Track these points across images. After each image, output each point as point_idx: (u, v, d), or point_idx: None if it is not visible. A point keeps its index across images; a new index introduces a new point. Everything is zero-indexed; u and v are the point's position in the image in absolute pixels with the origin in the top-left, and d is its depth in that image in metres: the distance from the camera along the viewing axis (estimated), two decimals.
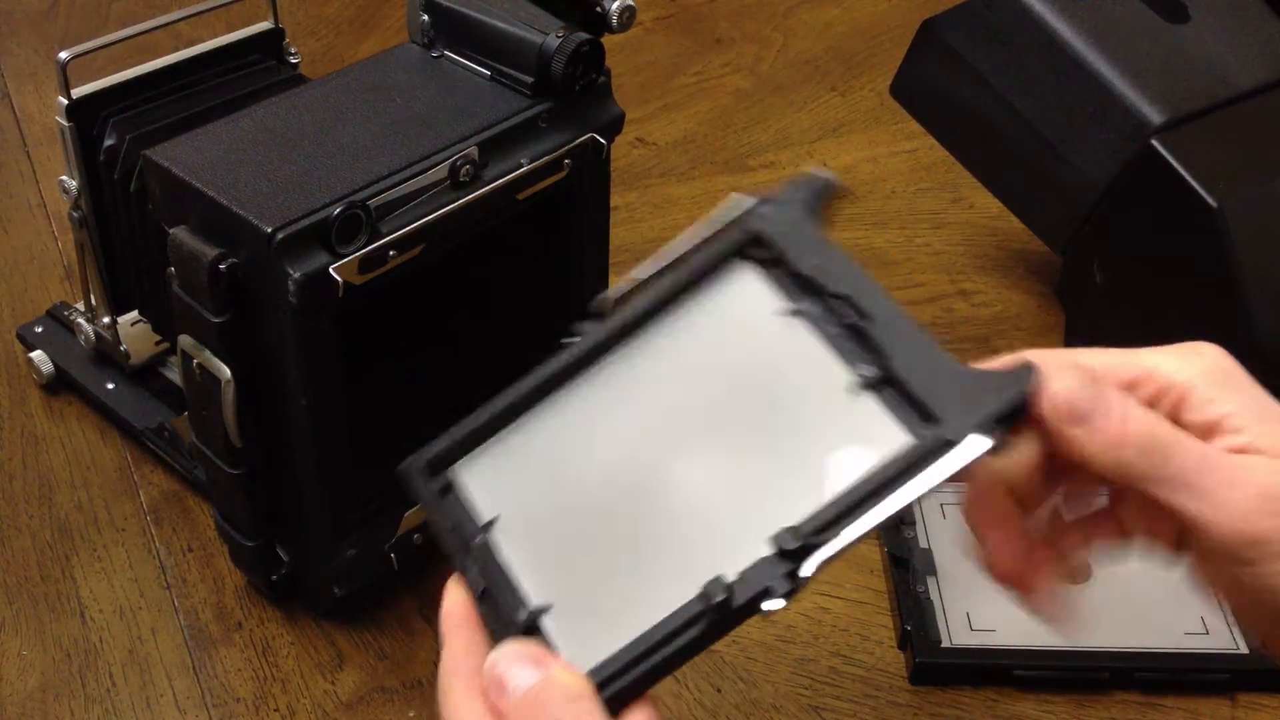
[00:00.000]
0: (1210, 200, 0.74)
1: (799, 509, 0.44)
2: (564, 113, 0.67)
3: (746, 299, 0.49)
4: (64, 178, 0.77)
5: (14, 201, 1.01)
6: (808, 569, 0.43)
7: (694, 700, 0.69)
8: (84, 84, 0.75)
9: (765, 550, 0.43)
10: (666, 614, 0.43)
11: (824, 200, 0.50)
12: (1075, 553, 0.48)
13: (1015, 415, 0.44)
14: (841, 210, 0.50)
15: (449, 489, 0.49)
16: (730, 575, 0.43)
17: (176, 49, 0.79)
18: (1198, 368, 0.45)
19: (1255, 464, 0.43)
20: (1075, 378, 0.44)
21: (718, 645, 0.71)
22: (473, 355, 0.77)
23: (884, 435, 0.45)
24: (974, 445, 0.44)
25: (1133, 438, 0.43)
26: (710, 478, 0.46)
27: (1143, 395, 0.45)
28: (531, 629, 0.45)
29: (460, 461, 0.50)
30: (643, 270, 0.50)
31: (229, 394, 0.63)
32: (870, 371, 0.46)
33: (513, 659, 0.43)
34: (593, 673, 0.43)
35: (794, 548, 0.43)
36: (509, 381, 0.49)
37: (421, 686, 0.70)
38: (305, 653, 0.71)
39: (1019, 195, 0.88)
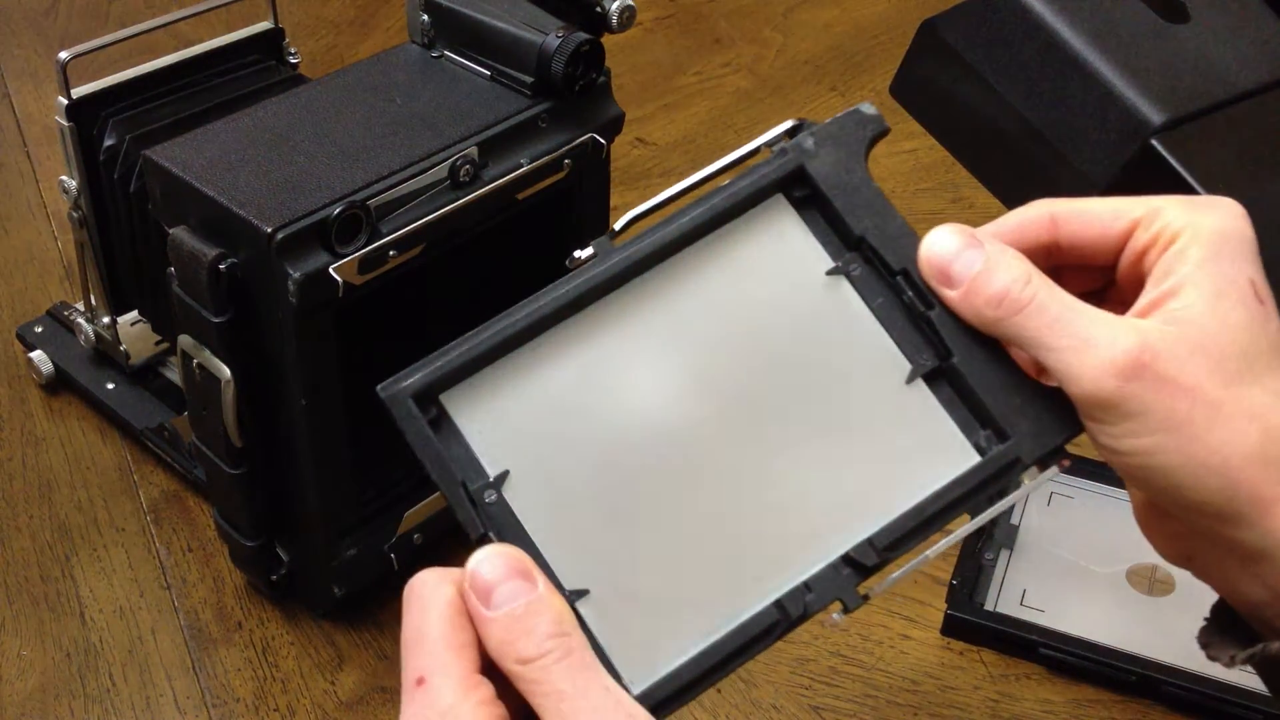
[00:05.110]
0: None
1: (865, 514, 0.42)
2: (564, 113, 0.67)
3: (786, 247, 0.45)
4: (64, 178, 0.77)
5: (14, 201, 1.01)
6: (883, 586, 0.42)
7: (693, 700, 0.69)
8: (84, 84, 0.75)
9: (831, 555, 0.42)
10: (729, 620, 0.41)
11: (873, 141, 0.46)
12: None
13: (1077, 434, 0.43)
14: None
15: (442, 422, 0.42)
16: (797, 581, 0.41)
17: (176, 49, 0.79)
18: (1203, 223, 0.44)
19: (1120, 329, 0.42)
20: (952, 238, 0.45)
21: None
22: None
23: (946, 441, 0.43)
24: (1043, 473, 0.43)
25: (989, 296, 0.43)
26: (761, 460, 0.43)
27: (1139, 239, 0.44)
28: None
29: (455, 390, 0.42)
30: (666, 191, 0.44)
31: (229, 394, 0.63)
32: (926, 360, 0.44)
33: (502, 569, 0.39)
34: (657, 687, 0.40)
35: (871, 564, 0.42)
36: None
37: None
38: (305, 653, 0.71)
39: (1019, 195, 0.88)
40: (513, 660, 0.39)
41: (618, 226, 0.44)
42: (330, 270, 0.60)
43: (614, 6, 0.68)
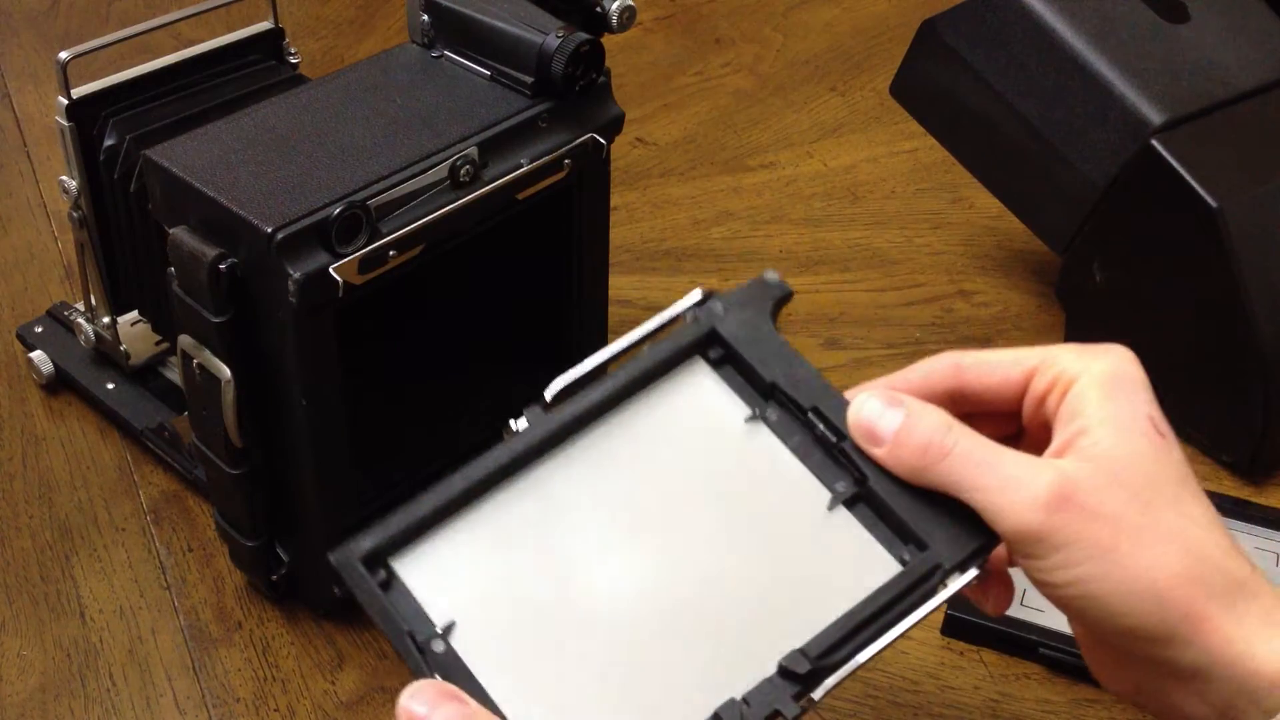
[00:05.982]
0: (1210, 200, 0.74)
1: (799, 631, 0.44)
2: (564, 113, 0.67)
3: (706, 402, 0.49)
4: (64, 178, 0.77)
5: (14, 201, 1.02)
6: (819, 693, 0.44)
7: None
8: (84, 84, 0.75)
9: (768, 671, 0.44)
10: None
11: (778, 304, 0.50)
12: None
13: (993, 544, 0.46)
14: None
15: (391, 583, 0.45)
16: (733, 696, 0.43)
17: (176, 49, 0.79)
18: (1094, 368, 0.47)
19: (1040, 467, 0.45)
20: (874, 401, 0.47)
21: None
22: (473, 355, 0.77)
23: (870, 556, 0.46)
24: (963, 575, 0.46)
25: (913, 447, 0.46)
26: (696, 592, 0.46)
27: (1038, 385, 0.48)
28: None
29: (402, 554, 0.45)
30: (590, 361, 0.48)
31: (229, 394, 0.63)
32: (845, 487, 0.47)
33: (430, 698, 0.42)
34: None
35: (804, 671, 0.44)
36: (507, 383, 0.48)
37: None
38: (305, 653, 0.71)
39: (1019, 195, 0.88)
40: None
41: (548, 396, 0.47)
42: (330, 270, 0.60)
43: (614, 6, 0.68)
